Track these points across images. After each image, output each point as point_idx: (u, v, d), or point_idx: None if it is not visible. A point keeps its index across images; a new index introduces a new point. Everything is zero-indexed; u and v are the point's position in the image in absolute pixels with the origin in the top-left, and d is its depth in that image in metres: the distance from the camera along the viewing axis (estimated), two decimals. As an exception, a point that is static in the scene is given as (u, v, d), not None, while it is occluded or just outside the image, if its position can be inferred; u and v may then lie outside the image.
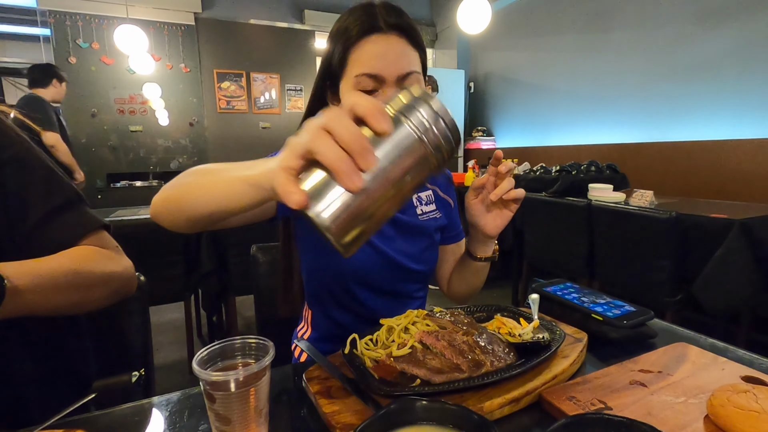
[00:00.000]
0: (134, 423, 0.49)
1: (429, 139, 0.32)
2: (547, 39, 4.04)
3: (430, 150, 0.32)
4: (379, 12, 0.67)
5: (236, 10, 4.53)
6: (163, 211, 0.55)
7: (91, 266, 0.60)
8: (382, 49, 0.66)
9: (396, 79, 0.67)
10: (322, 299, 0.80)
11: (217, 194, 0.46)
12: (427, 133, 0.32)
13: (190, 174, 0.52)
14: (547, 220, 2.37)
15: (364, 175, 0.30)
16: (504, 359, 0.52)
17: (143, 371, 0.82)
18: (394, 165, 0.32)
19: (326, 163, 0.30)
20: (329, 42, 0.71)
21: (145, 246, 1.76)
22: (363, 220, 0.32)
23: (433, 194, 0.86)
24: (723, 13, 2.64)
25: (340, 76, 0.70)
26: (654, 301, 1.78)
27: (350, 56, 0.67)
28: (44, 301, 0.53)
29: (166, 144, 4.39)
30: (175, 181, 0.54)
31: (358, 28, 0.66)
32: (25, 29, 4.55)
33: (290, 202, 0.31)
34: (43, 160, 0.64)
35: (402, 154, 0.32)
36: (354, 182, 0.30)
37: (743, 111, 2.58)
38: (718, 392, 0.45)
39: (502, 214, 0.71)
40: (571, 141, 3.80)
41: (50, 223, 0.61)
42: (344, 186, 0.30)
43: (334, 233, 0.31)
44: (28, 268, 0.52)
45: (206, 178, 0.49)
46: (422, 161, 0.33)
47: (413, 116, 0.32)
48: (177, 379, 2.07)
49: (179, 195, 0.52)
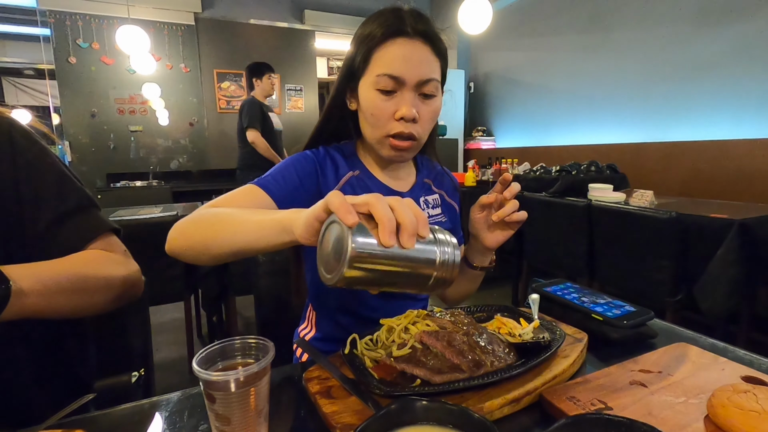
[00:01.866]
0: (134, 423, 0.49)
1: (441, 262, 0.42)
2: (547, 39, 4.04)
3: (437, 267, 0.42)
4: (406, 17, 0.68)
5: (236, 10, 4.53)
6: (187, 249, 0.59)
7: (97, 270, 0.60)
8: (407, 52, 0.67)
9: (416, 84, 0.68)
10: (327, 301, 0.81)
11: (247, 234, 0.52)
12: (444, 260, 0.42)
13: (212, 216, 0.58)
14: (547, 220, 2.37)
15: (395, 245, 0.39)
16: (504, 359, 0.52)
17: (143, 371, 0.82)
18: (413, 256, 0.40)
19: (378, 217, 0.39)
20: (354, 42, 0.72)
21: (145, 246, 1.74)
22: (371, 268, 0.39)
23: (440, 198, 0.86)
24: (723, 13, 2.64)
25: (361, 74, 0.71)
26: (654, 301, 1.78)
27: (374, 56, 0.68)
28: (49, 304, 0.53)
29: (166, 144, 4.39)
30: (196, 222, 0.59)
31: (384, 30, 0.67)
32: (25, 29, 4.56)
33: (345, 217, 0.38)
34: (57, 164, 0.65)
35: (421, 255, 0.41)
36: (390, 240, 0.38)
37: (743, 111, 2.58)
38: (718, 392, 0.45)
39: (504, 231, 0.73)
40: (571, 141, 3.80)
41: (61, 226, 0.62)
42: (382, 237, 0.38)
43: (348, 259, 0.37)
44: (33, 271, 0.53)
45: (233, 220, 0.55)
46: (427, 270, 0.42)
47: (443, 243, 0.42)
48: (177, 379, 2.07)
49: (206, 236, 0.57)
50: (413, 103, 0.68)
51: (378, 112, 0.69)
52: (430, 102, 0.71)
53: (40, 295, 0.52)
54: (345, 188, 0.75)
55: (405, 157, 0.75)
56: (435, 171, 0.89)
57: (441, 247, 0.42)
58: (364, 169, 0.78)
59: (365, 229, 0.39)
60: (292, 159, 0.74)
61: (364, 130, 0.74)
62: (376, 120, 0.70)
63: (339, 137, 0.82)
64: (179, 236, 0.60)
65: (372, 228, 0.39)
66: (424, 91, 0.69)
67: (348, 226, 0.37)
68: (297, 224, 0.46)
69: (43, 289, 0.52)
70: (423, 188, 0.84)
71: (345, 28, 5.00)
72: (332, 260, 0.40)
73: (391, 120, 0.69)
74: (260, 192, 0.66)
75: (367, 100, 0.70)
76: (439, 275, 0.42)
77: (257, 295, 0.98)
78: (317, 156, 0.76)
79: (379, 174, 0.79)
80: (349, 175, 0.76)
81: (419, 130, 0.71)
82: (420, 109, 0.69)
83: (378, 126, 0.70)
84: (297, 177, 0.71)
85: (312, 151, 0.77)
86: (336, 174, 0.76)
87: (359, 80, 0.71)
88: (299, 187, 0.70)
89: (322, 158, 0.76)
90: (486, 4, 2.51)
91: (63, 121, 4.01)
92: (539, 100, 4.20)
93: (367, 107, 0.70)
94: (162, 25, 4.22)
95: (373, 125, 0.71)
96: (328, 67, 5.96)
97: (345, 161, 0.78)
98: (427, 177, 0.86)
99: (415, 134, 0.70)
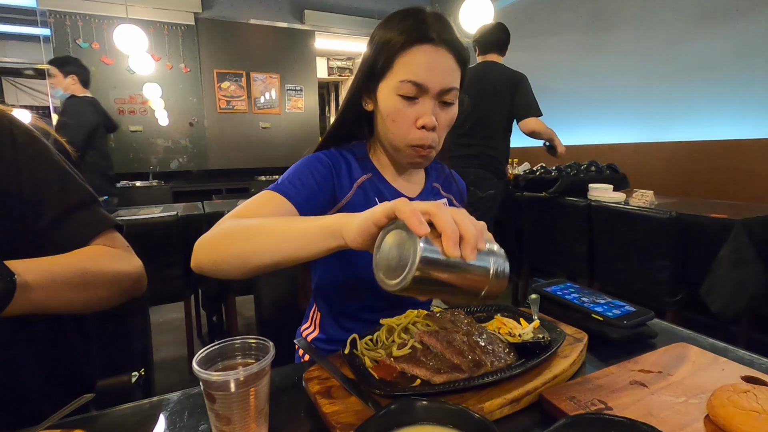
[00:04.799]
0: (134, 423, 0.49)
1: (495, 273, 0.42)
2: (547, 39, 4.04)
3: (491, 279, 0.42)
4: (431, 22, 0.67)
5: (236, 10, 4.53)
6: (222, 263, 0.57)
7: (101, 265, 0.61)
8: (432, 60, 0.66)
9: (438, 92, 0.67)
10: (333, 304, 0.81)
11: (292, 243, 0.51)
12: (497, 271, 0.42)
13: (247, 229, 0.56)
14: (547, 220, 2.37)
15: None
16: (504, 359, 0.52)
17: (143, 371, 0.83)
18: (472, 266, 0.41)
19: (442, 227, 0.39)
20: (375, 43, 0.71)
21: (145, 246, 1.75)
22: (434, 277, 0.40)
23: (449, 202, 0.87)
24: (723, 13, 2.64)
25: (382, 77, 0.70)
26: (654, 301, 1.78)
27: (397, 60, 0.67)
28: (53, 298, 0.54)
29: (166, 144, 4.39)
30: (229, 235, 0.57)
31: (408, 35, 0.66)
32: (25, 29, 4.54)
33: (418, 228, 0.39)
34: (58, 161, 0.65)
35: (479, 266, 0.41)
36: (455, 251, 0.39)
37: (743, 111, 2.58)
38: (718, 392, 0.45)
39: None
40: (571, 141, 3.79)
41: (64, 222, 0.62)
42: (446, 247, 0.39)
43: (416, 268, 0.38)
44: (38, 265, 0.53)
45: (274, 229, 0.54)
46: (482, 281, 0.42)
47: (496, 255, 0.43)
48: (177, 379, 2.07)
49: (244, 249, 0.55)
50: (434, 111, 0.68)
51: (399, 118, 0.69)
52: (449, 110, 0.71)
53: (45, 289, 0.52)
54: (358, 192, 0.75)
55: (424, 164, 0.76)
56: (443, 175, 0.89)
57: (495, 258, 0.43)
58: (376, 172, 0.78)
59: (428, 239, 0.39)
60: (307, 162, 0.74)
61: (382, 133, 0.74)
62: (397, 126, 0.70)
63: (353, 138, 0.82)
64: (210, 251, 0.58)
65: (434, 237, 0.40)
66: (445, 99, 0.69)
67: (419, 236, 0.39)
68: (348, 229, 0.46)
69: (49, 284, 0.52)
70: (432, 192, 0.85)
71: (345, 28, 5.00)
72: (396, 267, 0.41)
73: (412, 127, 0.69)
74: (280, 198, 0.66)
75: (387, 104, 0.70)
76: (491, 287, 0.43)
77: (257, 295, 0.98)
78: (331, 158, 0.75)
79: (391, 177, 0.80)
80: (363, 179, 0.76)
81: (436, 138, 0.71)
82: (439, 117, 0.69)
83: (399, 132, 0.70)
84: (314, 181, 0.70)
85: (325, 153, 0.76)
86: (349, 176, 0.76)
87: (379, 82, 0.71)
88: (316, 190, 0.70)
89: (336, 160, 0.75)
90: (488, 3, 2.51)
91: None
92: (539, 100, 4.19)
93: (388, 112, 0.70)
94: (162, 25, 4.22)
95: (393, 131, 0.71)
96: (328, 67, 5.95)
97: (358, 164, 0.77)
98: (435, 181, 0.87)
99: (434, 143, 0.70)
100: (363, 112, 0.77)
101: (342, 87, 6.29)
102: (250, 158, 4.77)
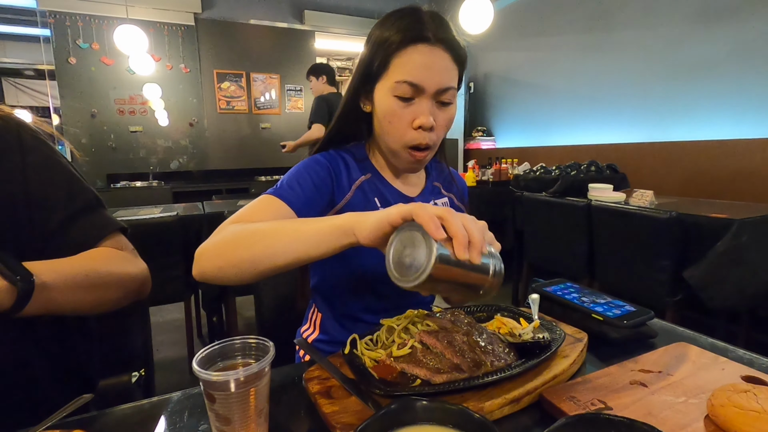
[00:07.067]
0: (134, 423, 0.49)
1: (493, 273, 0.47)
2: (547, 39, 4.04)
3: (490, 278, 0.47)
4: (427, 21, 0.66)
5: (236, 10, 4.53)
6: (228, 268, 0.56)
7: (111, 267, 0.61)
8: (428, 60, 0.66)
9: (435, 92, 0.67)
10: (333, 305, 0.81)
11: (303, 243, 0.53)
12: (494, 271, 0.47)
13: (254, 233, 0.56)
14: (547, 220, 2.36)
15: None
16: (504, 359, 0.52)
17: (143, 371, 0.83)
18: (477, 267, 0.45)
19: (453, 232, 0.43)
20: (370, 43, 0.70)
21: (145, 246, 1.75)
22: (443, 277, 0.43)
23: (449, 202, 0.86)
24: (723, 13, 2.64)
25: (378, 77, 0.69)
26: (654, 301, 1.78)
27: (393, 61, 0.67)
28: (66, 299, 0.55)
29: (166, 144, 4.39)
30: (235, 240, 0.57)
31: (404, 34, 0.66)
32: (25, 29, 4.55)
33: (435, 232, 0.42)
34: (65, 164, 0.65)
35: (482, 267, 0.46)
36: (464, 254, 0.43)
37: (743, 111, 2.58)
38: (718, 392, 0.45)
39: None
40: (571, 141, 3.80)
41: (71, 225, 0.62)
42: (457, 250, 0.43)
43: (432, 268, 0.42)
44: (53, 267, 0.54)
45: (283, 231, 0.55)
46: (482, 280, 0.47)
47: (494, 257, 0.48)
48: (177, 379, 2.07)
49: (253, 252, 0.55)
50: (431, 111, 0.68)
51: (395, 119, 0.68)
52: (447, 109, 0.70)
53: (60, 290, 0.53)
54: (357, 192, 0.75)
55: (421, 166, 0.75)
56: (444, 174, 0.89)
57: (493, 260, 0.47)
58: (375, 172, 0.78)
59: (440, 242, 0.43)
60: (306, 165, 0.73)
61: (380, 134, 0.74)
62: (394, 128, 0.69)
63: (351, 139, 0.82)
64: (215, 258, 0.57)
65: (444, 241, 0.44)
66: (442, 99, 0.68)
67: (436, 239, 0.42)
68: (362, 227, 0.49)
69: (64, 285, 0.54)
70: (433, 192, 0.84)
71: (345, 28, 5.00)
72: (409, 265, 0.44)
73: (409, 128, 0.69)
74: (279, 203, 0.66)
75: (384, 105, 0.69)
76: (489, 285, 0.47)
77: (257, 296, 0.98)
78: (330, 160, 0.75)
79: (391, 178, 0.79)
80: (362, 180, 0.76)
81: (434, 138, 0.70)
82: (436, 117, 0.69)
83: (395, 134, 0.70)
84: (312, 184, 0.70)
85: (324, 155, 0.76)
86: (349, 178, 0.75)
87: (376, 83, 0.70)
88: (315, 194, 0.70)
89: (334, 162, 0.75)
90: (487, 3, 2.50)
91: (63, 122, 4.00)
92: (539, 100, 4.20)
93: (384, 113, 0.69)
94: (162, 26, 4.22)
95: (390, 132, 0.70)
96: (328, 67, 5.96)
97: (357, 165, 0.77)
98: (436, 180, 0.86)
99: (431, 143, 0.70)
100: (361, 114, 0.76)
101: (342, 87, 6.29)
102: (250, 158, 4.77)
